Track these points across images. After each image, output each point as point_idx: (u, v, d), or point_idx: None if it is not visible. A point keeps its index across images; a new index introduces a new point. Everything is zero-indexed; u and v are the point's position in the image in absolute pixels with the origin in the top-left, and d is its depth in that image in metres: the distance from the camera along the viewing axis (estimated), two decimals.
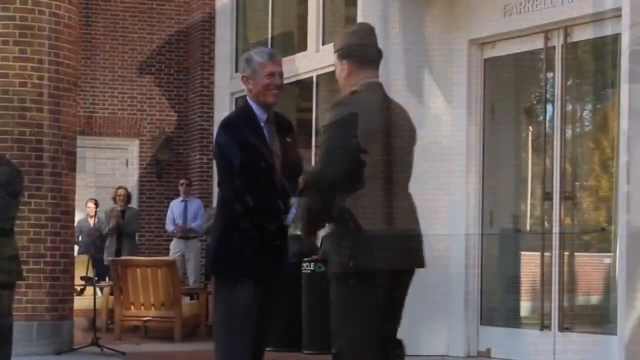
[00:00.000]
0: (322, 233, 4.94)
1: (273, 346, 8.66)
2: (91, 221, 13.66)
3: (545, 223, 8.86)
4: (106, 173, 15.27)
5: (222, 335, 4.91)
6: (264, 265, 4.91)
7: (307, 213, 4.64)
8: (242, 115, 4.99)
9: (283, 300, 5.19)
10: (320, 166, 4.46)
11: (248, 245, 4.87)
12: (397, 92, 9.17)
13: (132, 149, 15.56)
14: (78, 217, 12.75)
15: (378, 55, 4.74)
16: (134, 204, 14.46)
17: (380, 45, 4.80)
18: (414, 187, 4.50)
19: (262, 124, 4.96)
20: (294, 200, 4.84)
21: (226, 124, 4.98)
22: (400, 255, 4.58)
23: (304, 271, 9.67)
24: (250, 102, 5.00)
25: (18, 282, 6.04)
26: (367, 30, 4.76)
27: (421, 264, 4.73)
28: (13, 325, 6.00)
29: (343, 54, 4.67)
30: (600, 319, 8.84)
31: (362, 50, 4.68)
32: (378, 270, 4.50)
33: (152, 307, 11.30)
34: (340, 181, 4.42)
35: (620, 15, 7.58)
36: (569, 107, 8.84)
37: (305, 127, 12.83)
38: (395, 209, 4.61)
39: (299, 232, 5.15)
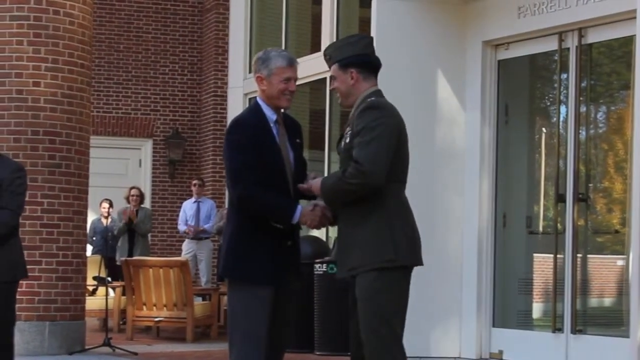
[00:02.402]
0: (334, 235, 5.00)
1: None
2: (105, 221, 13.71)
3: (559, 225, 8.85)
4: (119, 173, 15.34)
5: (237, 338, 4.92)
6: (278, 267, 4.92)
7: (335, 195, 4.71)
8: (252, 116, 4.98)
9: (297, 301, 5.19)
10: (366, 163, 4.56)
11: (261, 247, 4.89)
12: (410, 93, 9.19)
13: (145, 149, 15.62)
14: (92, 217, 12.81)
15: (380, 64, 4.92)
16: (146, 204, 14.50)
17: (393, 46, 4.89)
18: (427, 188, 4.54)
19: (272, 125, 4.97)
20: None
21: (236, 123, 4.98)
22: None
23: (316, 272, 9.69)
24: (260, 102, 5.00)
25: (21, 280, 6.06)
26: (368, 40, 4.95)
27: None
28: (15, 322, 6.02)
29: (349, 62, 4.80)
30: (613, 321, 8.83)
31: (368, 59, 4.85)
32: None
33: (164, 308, 11.33)
34: (382, 181, 4.59)
35: (635, 17, 7.57)
36: (583, 109, 8.83)
37: (318, 128, 12.86)
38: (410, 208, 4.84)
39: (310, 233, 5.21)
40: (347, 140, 4.72)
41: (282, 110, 5.09)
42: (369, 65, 4.84)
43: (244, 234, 4.92)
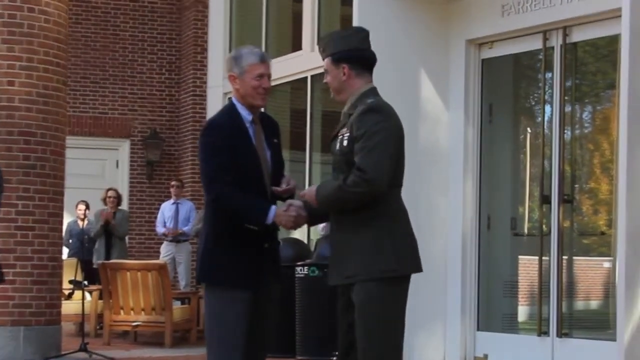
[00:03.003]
0: (317, 237, 4.97)
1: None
2: (81, 224, 13.65)
3: (544, 226, 8.86)
4: (96, 174, 15.27)
5: (214, 343, 4.92)
6: (254, 270, 4.90)
7: (332, 201, 4.61)
8: (226, 116, 4.96)
9: (277, 305, 5.18)
10: (370, 170, 4.47)
11: (237, 250, 4.88)
12: (393, 93, 9.16)
13: (122, 150, 15.56)
14: (67, 219, 12.74)
15: (375, 59, 4.78)
16: (124, 206, 14.45)
17: (375, 45, 4.81)
18: (410, 189, 4.52)
19: (248, 125, 4.95)
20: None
21: (210, 125, 4.98)
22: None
23: (297, 275, 9.67)
24: (236, 102, 4.98)
25: None
26: (364, 34, 4.78)
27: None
28: None
29: (341, 57, 4.68)
30: (599, 324, 8.84)
31: (362, 54, 4.72)
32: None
33: (142, 312, 11.29)
34: (385, 188, 4.53)
35: (620, 15, 7.58)
36: (568, 109, 8.84)
37: (299, 128, 12.84)
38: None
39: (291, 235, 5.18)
40: (345, 144, 4.61)
41: (262, 110, 5.07)
42: (363, 61, 4.72)
43: (220, 236, 4.92)
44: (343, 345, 4.73)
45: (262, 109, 5.11)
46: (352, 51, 4.69)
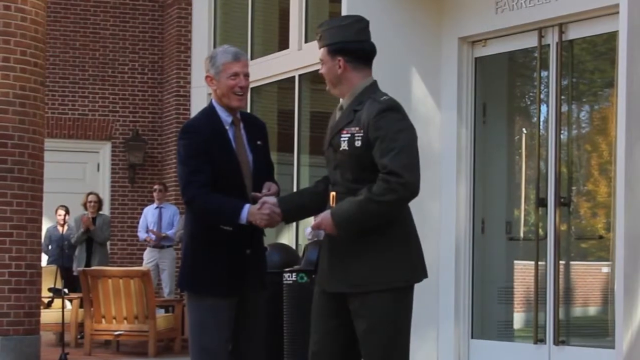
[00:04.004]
0: (306, 242, 4.92)
1: None
2: (61, 229, 13.60)
3: (540, 230, 8.85)
4: (76, 178, 15.22)
5: (196, 351, 4.95)
6: (234, 277, 4.91)
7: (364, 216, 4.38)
8: (205, 119, 4.98)
9: (264, 312, 5.16)
10: (405, 173, 4.34)
11: (216, 256, 4.89)
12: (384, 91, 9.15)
13: (103, 153, 15.52)
14: (47, 225, 12.70)
15: (374, 52, 4.64)
16: (105, 210, 14.42)
17: None
18: None
19: (227, 127, 4.94)
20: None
21: (187, 128, 5.00)
22: None
23: (285, 282, 9.64)
24: (215, 104, 4.99)
25: None
26: (363, 24, 4.62)
27: None
28: None
29: (337, 49, 4.53)
30: (597, 331, 8.85)
31: (360, 46, 4.57)
32: None
33: (125, 321, 11.26)
34: (418, 191, 4.41)
35: (617, 12, 7.58)
36: (565, 108, 8.84)
37: (287, 129, 12.82)
38: None
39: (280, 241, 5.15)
40: (358, 144, 4.42)
41: (250, 111, 5.06)
42: (361, 53, 4.54)
43: (199, 242, 4.94)
44: (328, 355, 4.64)
45: (248, 110, 5.09)
46: (349, 43, 4.53)
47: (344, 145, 4.48)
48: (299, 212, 4.85)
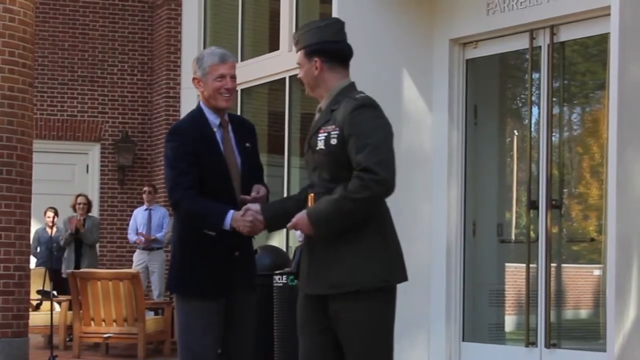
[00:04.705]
0: (296, 244, 4.90)
1: None
2: (49, 231, 13.58)
3: (532, 233, 8.87)
4: (65, 179, 15.20)
5: (183, 354, 4.96)
6: (222, 279, 4.91)
7: (341, 215, 4.35)
8: (192, 121, 4.99)
9: (253, 315, 5.16)
10: (380, 170, 4.27)
11: (204, 259, 4.90)
12: (374, 94, 9.15)
13: (92, 154, 15.49)
14: (36, 226, 12.68)
15: (351, 53, 4.64)
16: (94, 212, 14.39)
17: (357, 44, 4.75)
18: (393, 195, 4.45)
19: (215, 129, 4.95)
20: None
21: (174, 130, 5.01)
22: None
23: (275, 284, 9.64)
24: (203, 106, 5.00)
25: None
26: (339, 26, 4.63)
27: None
28: None
29: (314, 50, 4.54)
30: (589, 334, 8.86)
31: (337, 46, 4.58)
32: None
33: (114, 323, 11.24)
34: (394, 189, 4.35)
35: (609, 14, 7.60)
36: (556, 110, 8.86)
37: (277, 131, 12.81)
38: None
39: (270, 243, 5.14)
40: (334, 142, 4.40)
41: (240, 113, 5.07)
42: (338, 54, 4.56)
43: (187, 244, 4.96)
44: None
45: (239, 112, 5.11)
46: (325, 43, 4.54)
47: (321, 145, 4.48)
48: (283, 219, 4.72)
